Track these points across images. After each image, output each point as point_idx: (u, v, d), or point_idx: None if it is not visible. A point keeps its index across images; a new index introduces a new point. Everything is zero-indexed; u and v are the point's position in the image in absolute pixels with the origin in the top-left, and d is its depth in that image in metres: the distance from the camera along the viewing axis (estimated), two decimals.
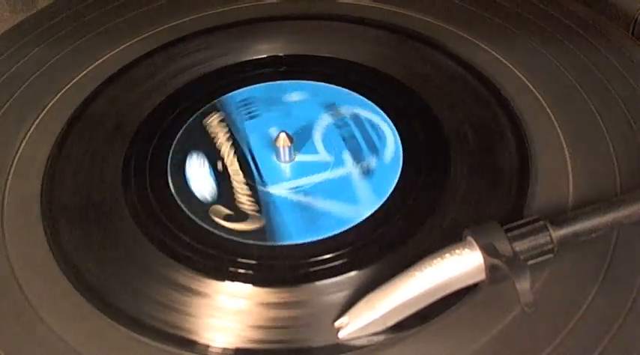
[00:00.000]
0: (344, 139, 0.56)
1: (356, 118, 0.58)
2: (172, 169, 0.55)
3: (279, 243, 0.49)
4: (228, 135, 0.57)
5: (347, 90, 0.60)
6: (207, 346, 0.44)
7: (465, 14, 0.67)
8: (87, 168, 0.55)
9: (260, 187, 0.53)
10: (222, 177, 0.54)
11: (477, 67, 0.61)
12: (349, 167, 0.54)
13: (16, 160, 0.56)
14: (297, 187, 0.53)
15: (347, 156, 0.55)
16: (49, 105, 0.60)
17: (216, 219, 0.50)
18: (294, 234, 0.50)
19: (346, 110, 0.59)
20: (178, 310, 0.46)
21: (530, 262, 0.43)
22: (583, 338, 0.42)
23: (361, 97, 0.59)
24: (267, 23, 0.67)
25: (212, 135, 0.56)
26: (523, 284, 0.41)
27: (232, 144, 0.56)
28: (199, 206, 0.52)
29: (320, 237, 0.49)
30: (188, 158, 0.55)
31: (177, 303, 0.46)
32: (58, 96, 0.61)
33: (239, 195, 0.52)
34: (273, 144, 0.55)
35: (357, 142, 0.56)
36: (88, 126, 0.58)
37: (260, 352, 0.44)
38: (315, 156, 0.56)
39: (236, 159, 0.55)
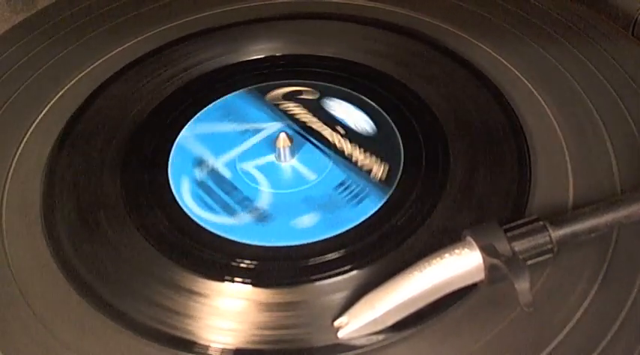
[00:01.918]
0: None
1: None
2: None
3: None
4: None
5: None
6: (207, 346, 0.44)
7: (465, 14, 0.67)
8: (87, 168, 0.55)
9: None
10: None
11: (477, 66, 0.61)
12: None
13: (16, 160, 0.56)
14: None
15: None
16: (49, 105, 0.60)
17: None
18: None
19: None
20: (178, 311, 0.46)
21: (530, 262, 0.43)
22: (583, 338, 0.42)
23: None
24: (267, 23, 0.67)
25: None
26: (522, 284, 0.41)
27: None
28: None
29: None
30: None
31: (177, 304, 0.46)
32: (58, 96, 0.61)
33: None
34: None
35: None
36: (88, 126, 0.59)
37: (260, 352, 0.44)
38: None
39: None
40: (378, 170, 0.53)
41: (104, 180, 0.54)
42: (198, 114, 0.59)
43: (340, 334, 0.43)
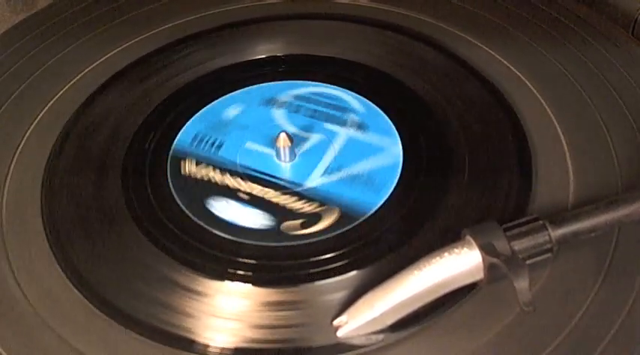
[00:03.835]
0: (313, 116, 0.58)
1: (307, 96, 0.60)
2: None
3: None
4: (217, 170, 0.55)
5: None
6: (207, 346, 0.44)
7: (465, 14, 0.67)
8: (87, 168, 0.55)
9: (299, 189, 0.53)
10: (256, 204, 0.52)
11: (477, 67, 0.61)
12: (342, 131, 0.56)
13: (16, 160, 0.56)
14: (325, 170, 0.54)
15: (331, 126, 0.57)
16: (49, 105, 0.60)
17: (297, 233, 0.50)
18: (368, 200, 0.51)
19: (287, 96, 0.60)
20: (178, 310, 0.46)
21: (529, 261, 0.43)
22: (583, 338, 0.42)
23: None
24: (267, 23, 0.67)
25: (204, 179, 0.54)
26: (521, 284, 0.41)
27: (230, 174, 0.54)
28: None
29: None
30: (207, 206, 0.52)
31: (177, 303, 0.46)
32: (58, 96, 0.61)
33: (292, 205, 0.52)
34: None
35: (327, 112, 0.58)
36: (88, 126, 0.59)
37: (259, 352, 0.44)
38: (309, 142, 0.56)
39: (250, 182, 0.54)
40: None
41: (104, 179, 0.54)
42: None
43: (339, 333, 0.43)
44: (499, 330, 0.43)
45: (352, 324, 0.43)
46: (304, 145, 0.56)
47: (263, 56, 0.64)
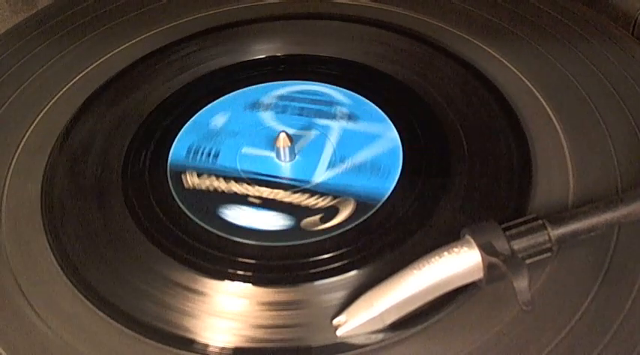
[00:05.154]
0: (303, 112, 0.59)
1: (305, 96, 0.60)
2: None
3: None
4: (221, 178, 0.54)
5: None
6: (207, 345, 0.44)
7: (465, 14, 0.67)
8: (87, 168, 0.55)
9: (308, 186, 0.53)
10: (269, 206, 0.52)
11: (477, 67, 0.61)
12: (335, 124, 0.57)
13: (16, 160, 0.56)
14: (329, 163, 0.54)
15: (322, 120, 0.58)
16: (49, 105, 0.60)
17: (318, 228, 0.50)
18: (382, 184, 0.52)
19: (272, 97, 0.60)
20: (178, 309, 0.46)
21: (529, 261, 0.43)
22: (583, 338, 0.42)
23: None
24: (267, 23, 0.67)
25: (210, 189, 0.54)
26: (521, 283, 0.41)
27: (235, 180, 0.54)
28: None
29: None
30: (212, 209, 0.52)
31: (177, 303, 0.46)
32: (58, 96, 0.61)
33: (306, 201, 0.51)
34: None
35: (315, 108, 0.59)
36: (88, 126, 0.59)
37: (259, 351, 0.44)
38: (304, 139, 0.57)
39: (257, 186, 0.53)
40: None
41: (104, 179, 0.54)
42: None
43: (339, 332, 0.43)
44: (498, 330, 0.43)
45: (351, 323, 0.43)
46: (302, 144, 0.56)
47: (263, 56, 0.64)
